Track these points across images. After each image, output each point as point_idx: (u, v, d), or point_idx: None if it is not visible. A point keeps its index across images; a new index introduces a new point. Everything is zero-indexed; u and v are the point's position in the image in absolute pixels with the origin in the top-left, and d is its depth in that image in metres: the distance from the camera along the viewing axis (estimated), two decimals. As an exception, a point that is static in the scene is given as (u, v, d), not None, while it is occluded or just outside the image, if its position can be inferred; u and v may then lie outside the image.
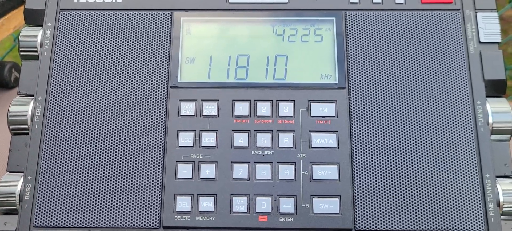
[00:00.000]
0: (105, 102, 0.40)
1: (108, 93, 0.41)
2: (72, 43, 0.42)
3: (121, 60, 0.41)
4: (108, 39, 0.42)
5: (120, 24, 0.42)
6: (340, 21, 0.42)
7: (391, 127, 0.39)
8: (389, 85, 0.40)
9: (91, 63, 0.41)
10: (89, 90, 0.41)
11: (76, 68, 0.41)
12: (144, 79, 0.41)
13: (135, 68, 0.41)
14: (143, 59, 0.41)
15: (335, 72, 0.41)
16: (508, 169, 0.39)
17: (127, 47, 0.42)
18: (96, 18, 0.43)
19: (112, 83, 0.41)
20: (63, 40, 0.42)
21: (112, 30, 0.42)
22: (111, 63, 0.41)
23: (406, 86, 0.40)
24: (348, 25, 0.42)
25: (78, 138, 0.39)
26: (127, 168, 0.39)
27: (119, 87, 0.41)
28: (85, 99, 0.40)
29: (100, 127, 0.40)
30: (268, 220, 0.37)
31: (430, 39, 0.41)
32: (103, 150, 0.39)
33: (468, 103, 0.40)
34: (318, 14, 0.43)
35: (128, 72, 0.41)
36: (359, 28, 0.42)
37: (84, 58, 0.42)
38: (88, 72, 0.41)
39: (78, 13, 0.43)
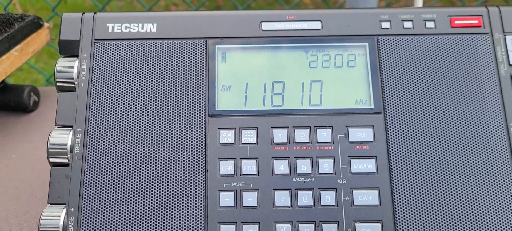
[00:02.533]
0: (144, 133, 0.41)
1: (147, 123, 0.41)
2: (109, 73, 0.42)
3: (159, 90, 0.42)
4: (144, 68, 0.42)
5: (155, 53, 0.43)
6: (372, 46, 0.43)
7: (428, 150, 0.40)
8: (424, 109, 0.41)
9: (129, 93, 0.42)
10: (128, 120, 0.41)
11: (114, 98, 0.42)
12: (182, 108, 0.41)
13: (173, 98, 0.42)
14: (180, 88, 0.42)
15: (370, 97, 0.42)
16: None
17: (164, 76, 0.42)
18: (132, 48, 0.43)
19: (150, 113, 0.41)
20: (99, 71, 0.42)
21: (147, 59, 0.43)
22: (149, 93, 0.42)
23: (441, 110, 0.41)
24: (380, 50, 0.43)
25: (120, 169, 0.40)
26: (170, 198, 0.39)
27: (157, 117, 0.41)
28: (125, 130, 0.41)
29: (141, 157, 0.40)
30: None
31: (462, 63, 0.42)
32: (145, 181, 0.39)
33: (502, 126, 0.41)
34: (351, 40, 0.43)
35: (166, 102, 0.42)
36: (391, 52, 0.43)
37: (122, 88, 0.42)
38: (126, 102, 0.42)
39: (113, 43, 0.43)
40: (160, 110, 0.41)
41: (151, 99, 0.42)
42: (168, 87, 0.42)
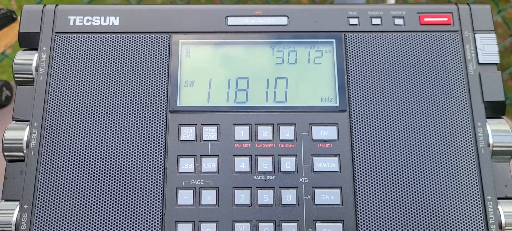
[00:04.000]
0: (103, 129, 0.40)
1: (106, 119, 0.40)
2: (68, 67, 0.41)
3: (119, 85, 0.41)
4: (106, 62, 0.41)
5: (117, 47, 0.42)
6: (340, 43, 0.42)
7: (393, 150, 0.39)
8: (390, 108, 0.40)
9: (89, 87, 0.41)
10: (86, 115, 0.40)
11: (73, 92, 0.41)
12: (143, 104, 0.40)
13: (134, 93, 0.41)
14: (142, 83, 0.41)
15: (335, 94, 0.41)
16: (509, 190, 0.39)
17: (125, 71, 0.41)
18: (93, 41, 0.42)
19: (110, 108, 0.40)
20: (59, 64, 0.41)
21: (109, 53, 0.42)
22: (109, 88, 0.41)
23: (407, 108, 0.40)
24: (348, 47, 0.42)
25: (76, 165, 0.39)
26: (127, 195, 0.38)
27: (117, 113, 0.40)
28: (83, 125, 0.40)
29: (98, 153, 0.39)
30: None
31: (430, 61, 0.41)
32: (101, 177, 0.38)
33: (469, 124, 0.40)
34: (318, 36, 0.42)
35: (126, 97, 0.40)
36: (359, 50, 0.42)
37: (81, 83, 0.41)
38: (85, 97, 0.40)
39: (74, 36, 0.42)
40: (120, 106, 0.40)
41: (111, 94, 0.41)
42: (129, 82, 0.41)
